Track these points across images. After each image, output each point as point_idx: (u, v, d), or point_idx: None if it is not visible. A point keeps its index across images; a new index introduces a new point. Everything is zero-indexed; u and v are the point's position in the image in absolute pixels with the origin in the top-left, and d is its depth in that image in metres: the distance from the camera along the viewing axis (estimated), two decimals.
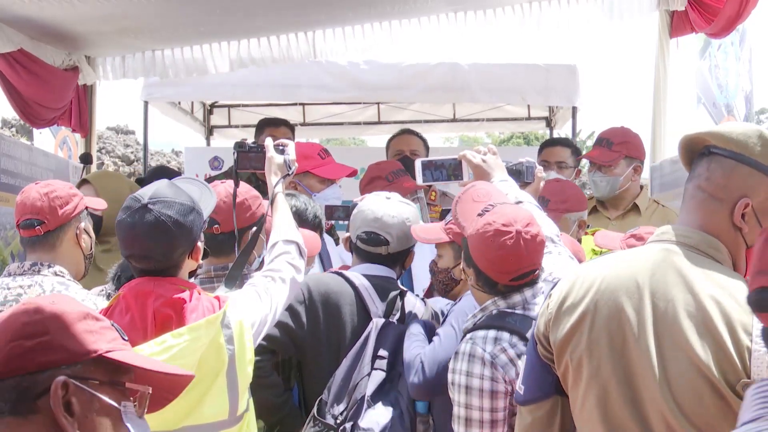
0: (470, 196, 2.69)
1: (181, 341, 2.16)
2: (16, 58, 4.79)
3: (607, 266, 1.89)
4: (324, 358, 2.79)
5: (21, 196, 2.73)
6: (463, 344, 2.37)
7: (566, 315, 1.88)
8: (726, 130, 1.87)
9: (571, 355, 1.86)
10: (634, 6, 5.26)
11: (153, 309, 2.22)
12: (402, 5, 5.07)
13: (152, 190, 2.31)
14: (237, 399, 2.27)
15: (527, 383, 1.99)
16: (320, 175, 4.11)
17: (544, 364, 1.96)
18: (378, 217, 2.93)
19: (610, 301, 1.83)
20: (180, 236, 2.28)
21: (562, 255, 2.73)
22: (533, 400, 1.97)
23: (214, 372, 2.23)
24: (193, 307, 2.24)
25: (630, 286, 1.82)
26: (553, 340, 1.90)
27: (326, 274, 2.98)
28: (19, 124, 14.00)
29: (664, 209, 4.33)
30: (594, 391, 1.83)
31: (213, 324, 2.22)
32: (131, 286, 2.30)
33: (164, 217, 2.25)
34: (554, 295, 1.94)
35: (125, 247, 2.31)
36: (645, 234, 3.08)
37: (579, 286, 1.89)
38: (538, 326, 1.97)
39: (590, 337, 1.83)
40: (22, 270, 2.67)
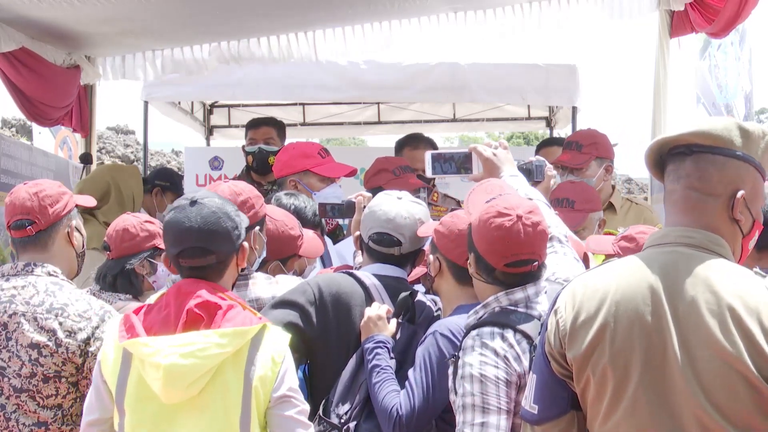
0: (483, 188, 2.72)
1: (205, 341, 2.18)
2: (18, 57, 4.78)
3: (615, 275, 1.89)
4: (333, 358, 2.78)
5: (10, 197, 2.73)
6: (469, 340, 2.36)
7: (583, 329, 1.86)
8: (709, 128, 1.90)
9: (594, 369, 1.85)
10: (634, 6, 5.25)
11: (188, 308, 2.24)
12: (402, 5, 5.07)
13: (198, 193, 2.39)
14: (249, 423, 2.21)
15: (541, 402, 1.95)
16: (320, 173, 4.11)
17: (558, 380, 1.93)
18: (391, 218, 2.93)
19: (629, 310, 1.83)
20: (230, 228, 2.34)
21: (568, 256, 2.73)
22: (549, 419, 1.94)
23: (231, 386, 2.21)
24: (231, 317, 2.24)
25: (645, 293, 1.83)
26: (572, 356, 1.88)
27: (337, 274, 2.97)
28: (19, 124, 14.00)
29: (638, 206, 4.37)
30: (622, 402, 1.82)
31: (242, 336, 2.22)
32: (177, 285, 2.32)
33: (215, 207, 2.33)
34: (562, 310, 1.92)
35: (175, 244, 2.32)
36: (636, 235, 3.09)
37: (590, 298, 1.88)
38: (549, 343, 1.93)
39: (613, 349, 1.82)
40: (16, 271, 2.67)
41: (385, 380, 2.57)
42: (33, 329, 2.56)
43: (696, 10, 5.07)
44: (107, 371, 2.30)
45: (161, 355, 2.16)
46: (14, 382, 2.56)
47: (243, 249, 2.41)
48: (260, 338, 2.26)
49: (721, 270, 1.81)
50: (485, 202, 2.52)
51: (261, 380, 2.24)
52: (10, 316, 2.57)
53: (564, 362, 1.91)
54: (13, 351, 2.56)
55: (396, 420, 2.48)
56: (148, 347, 2.19)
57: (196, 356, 2.17)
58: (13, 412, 2.56)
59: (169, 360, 2.15)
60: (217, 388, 2.21)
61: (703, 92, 7.23)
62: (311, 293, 2.80)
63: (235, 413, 2.21)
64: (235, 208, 2.42)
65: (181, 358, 2.16)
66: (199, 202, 2.33)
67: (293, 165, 4.16)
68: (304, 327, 2.76)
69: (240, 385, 2.22)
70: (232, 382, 2.22)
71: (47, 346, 2.55)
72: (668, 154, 1.95)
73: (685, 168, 1.90)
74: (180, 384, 2.17)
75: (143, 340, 2.20)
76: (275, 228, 3.04)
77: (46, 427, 2.57)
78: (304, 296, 2.80)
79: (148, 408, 2.23)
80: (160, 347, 2.18)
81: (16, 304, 2.59)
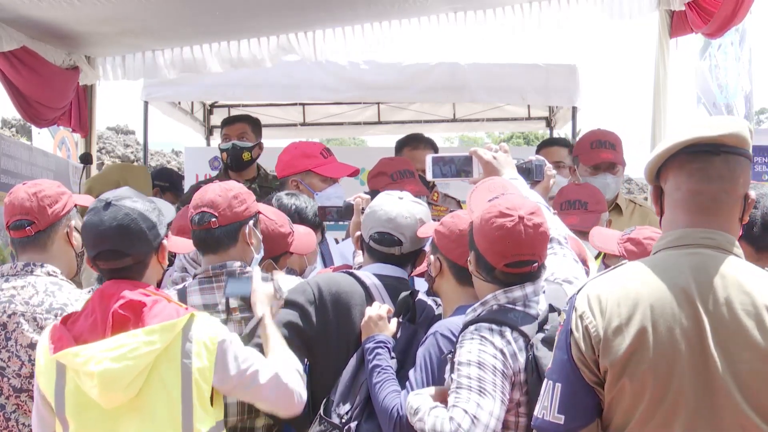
0: (486, 187, 2.72)
1: (134, 342, 2.19)
2: (18, 56, 4.78)
3: (642, 279, 1.87)
4: (333, 357, 2.78)
5: (9, 197, 2.73)
6: (467, 334, 2.36)
7: (618, 335, 1.83)
8: (738, 129, 1.89)
9: (632, 375, 1.82)
10: (634, 6, 5.25)
11: (112, 311, 2.25)
12: (402, 5, 5.07)
13: (115, 193, 2.40)
14: (191, 416, 2.23)
15: (569, 411, 1.89)
16: (322, 173, 4.11)
17: (588, 388, 1.89)
18: (391, 217, 2.93)
19: (665, 314, 1.81)
20: (146, 229, 2.35)
21: (567, 258, 2.73)
22: (579, 427, 1.90)
23: (167, 382, 2.23)
24: (156, 312, 2.25)
25: (679, 296, 1.82)
26: (608, 362, 1.84)
27: (337, 274, 2.97)
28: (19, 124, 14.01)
29: (642, 208, 4.38)
30: (661, 408, 1.81)
31: (170, 330, 2.23)
32: (99, 290, 2.34)
33: (129, 209, 2.34)
34: (589, 315, 1.87)
35: (92, 247, 2.36)
36: (644, 240, 3.06)
37: (620, 303, 1.85)
38: (578, 350, 1.88)
39: (653, 355, 1.81)
40: (15, 271, 2.67)
41: (385, 380, 2.57)
42: (32, 329, 2.56)
43: (693, 11, 5.07)
44: (44, 385, 2.30)
45: (93, 363, 2.16)
46: (14, 382, 2.56)
47: (162, 247, 2.44)
48: (189, 329, 2.26)
49: (747, 270, 1.82)
50: (488, 201, 2.52)
51: (200, 372, 2.25)
52: (10, 316, 2.57)
53: (596, 369, 1.87)
54: (12, 351, 2.56)
55: (396, 420, 2.48)
56: (79, 357, 2.19)
57: (128, 358, 2.17)
58: (13, 412, 2.56)
59: (101, 366, 2.16)
60: (155, 386, 2.22)
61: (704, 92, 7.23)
62: (311, 293, 2.81)
63: (177, 408, 2.22)
64: (153, 205, 2.42)
65: (112, 362, 2.16)
66: (113, 204, 2.34)
67: (295, 165, 4.15)
68: (303, 326, 2.76)
69: (178, 380, 2.23)
70: (169, 377, 2.23)
71: None
72: (683, 151, 1.90)
73: (716, 168, 1.88)
74: (116, 388, 2.18)
75: (73, 350, 2.20)
76: (265, 227, 3.03)
77: None
78: (304, 296, 2.80)
79: (90, 415, 2.23)
80: (91, 355, 2.18)
81: (15, 304, 2.59)
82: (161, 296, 2.34)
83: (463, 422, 2.20)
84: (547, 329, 2.37)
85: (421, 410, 2.31)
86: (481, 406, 2.22)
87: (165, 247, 2.46)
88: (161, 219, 2.43)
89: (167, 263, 2.55)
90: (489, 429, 2.21)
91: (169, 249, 2.53)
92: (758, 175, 6.04)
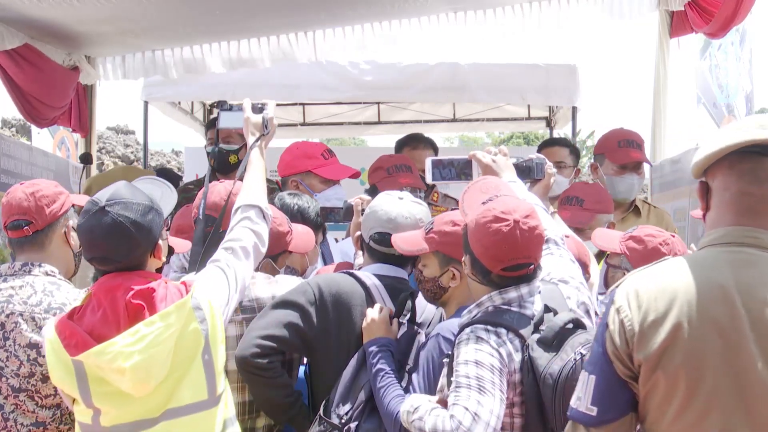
0: (479, 187, 2.70)
1: (154, 329, 2.20)
2: (21, 53, 4.78)
3: (680, 275, 1.87)
4: (334, 358, 2.78)
5: (7, 197, 2.72)
6: (463, 335, 2.36)
7: (653, 330, 1.84)
8: None
9: (665, 370, 1.83)
10: (634, 6, 5.26)
11: (123, 301, 2.25)
12: (402, 5, 5.07)
13: (110, 192, 2.35)
14: (215, 379, 2.32)
15: (602, 404, 1.91)
16: (322, 175, 4.11)
17: (621, 382, 1.90)
18: (392, 217, 2.93)
19: (702, 310, 1.81)
20: (139, 236, 2.32)
21: (564, 258, 2.73)
22: (611, 420, 1.91)
23: (191, 355, 2.28)
24: (163, 295, 2.28)
25: (716, 294, 1.82)
26: (642, 357, 1.85)
27: (337, 274, 2.97)
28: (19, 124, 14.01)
29: (657, 210, 4.35)
30: (694, 403, 1.81)
31: (183, 308, 2.26)
32: (100, 283, 2.33)
33: (122, 218, 2.30)
34: (626, 309, 1.89)
35: (87, 250, 2.36)
36: (645, 237, 3.06)
37: (657, 298, 1.86)
38: (612, 344, 1.90)
39: (687, 350, 1.81)
40: (13, 271, 2.67)
41: (389, 384, 2.57)
42: (31, 329, 2.55)
43: (694, 11, 5.07)
44: (58, 380, 2.29)
45: (121, 359, 2.17)
46: (12, 382, 2.56)
47: (158, 247, 2.43)
48: (193, 298, 2.32)
49: None
50: (481, 203, 2.51)
51: (218, 334, 2.36)
52: (8, 316, 2.57)
53: (630, 363, 1.88)
54: (11, 351, 2.56)
55: (401, 424, 2.47)
56: (106, 354, 2.18)
57: (153, 345, 2.19)
58: (12, 411, 2.56)
59: (131, 361, 2.16)
60: (181, 359, 2.27)
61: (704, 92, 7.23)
62: (311, 293, 2.81)
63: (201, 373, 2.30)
64: (149, 205, 2.37)
65: (140, 354, 2.17)
66: (106, 209, 2.30)
67: (295, 165, 4.15)
68: (304, 327, 2.76)
69: (199, 347, 2.30)
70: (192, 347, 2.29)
71: None
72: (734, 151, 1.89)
73: (766, 170, 1.87)
74: (149, 377, 2.20)
75: (96, 349, 2.19)
76: None
77: (45, 426, 2.57)
78: (305, 296, 2.80)
79: (121, 400, 2.25)
80: (117, 351, 2.17)
81: (13, 304, 2.58)
82: (156, 277, 2.36)
83: (464, 419, 2.20)
84: (542, 330, 2.36)
85: (421, 410, 2.30)
86: (482, 404, 2.22)
87: (161, 246, 2.45)
88: (157, 219, 2.40)
89: (165, 258, 2.55)
90: (490, 426, 2.20)
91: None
92: None
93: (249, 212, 2.71)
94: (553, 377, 2.24)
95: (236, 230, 2.67)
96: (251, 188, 2.78)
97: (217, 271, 2.54)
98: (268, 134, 2.94)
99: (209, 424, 2.31)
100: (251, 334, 2.71)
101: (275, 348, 2.71)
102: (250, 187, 2.78)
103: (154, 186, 2.55)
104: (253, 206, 2.73)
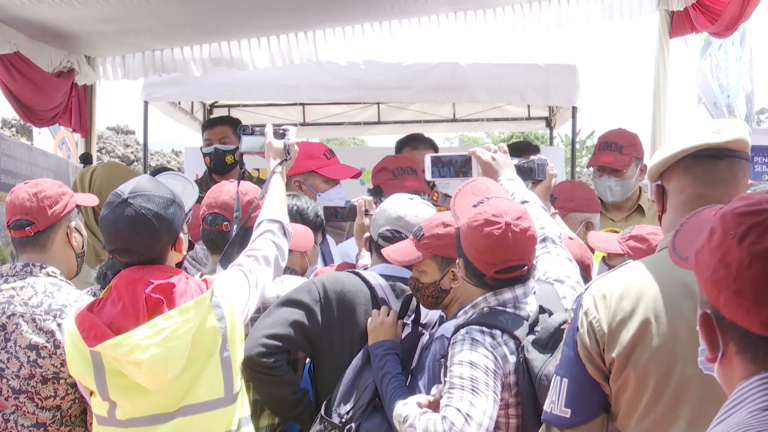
0: (470, 189, 2.69)
1: (172, 323, 2.21)
2: (11, 61, 4.79)
3: (644, 276, 1.91)
4: (338, 357, 2.79)
5: (10, 196, 2.72)
6: (459, 336, 2.36)
7: (622, 329, 1.89)
8: (743, 136, 1.94)
9: (635, 366, 1.88)
10: (634, 6, 5.25)
11: (144, 295, 2.26)
12: (402, 5, 5.07)
13: (132, 185, 2.38)
14: (232, 377, 2.34)
15: (574, 405, 1.94)
16: (325, 175, 4.13)
17: (593, 383, 1.95)
18: (401, 216, 2.94)
19: (668, 307, 1.86)
20: (161, 229, 2.34)
21: (560, 256, 2.73)
22: (583, 421, 1.95)
23: (208, 351, 2.29)
24: (182, 290, 2.28)
25: (681, 290, 1.86)
26: (613, 356, 1.90)
27: (342, 273, 2.97)
28: (19, 124, 14.01)
29: None
30: (663, 397, 1.86)
31: (202, 304, 2.27)
32: (121, 276, 2.34)
33: (144, 210, 2.32)
34: (593, 311, 1.92)
35: (108, 242, 2.38)
36: (648, 236, 3.05)
37: (623, 297, 1.90)
38: (583, 345, 1.94)
39: (655, 345, 1.86)
40: (14, 271, 2.67)
41: (397, 388, 2.57)
42: (32, 330, 2.55)
43: (698, 11, 5.07)
44: (76, 371, 2.32)
45: (138, 352, 2.18)
46: (13, 384, 2.55)
47: (179, 240, 2.44)
48: (213, 296, 2.32)
49: None
50: (473, 205, 2.49)
51: (236, 332, 2.36)
52: (9, 317, 2.57)
53: (602, 362, 1.92)
54: (11, 352, 2.56)
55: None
56: (122, 347, 2.19)
57: (170, 339, 2.20)
58: (12, 413, 2.56)
59: (147, 354, 2.17)
60: (198, 355, 2.27)
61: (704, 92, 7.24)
62: (316, 292, 2.82)
63: (218, 371, 2.30)
64: (171, 198, 2.39)
65: (157, 347, 2.18)
66: (129, 201, 2.33)
67: (298, 166, 4.14)
68: (309, 325, 2.77)
69: (217, 345, 2.30)
70: (210, 345, 2.29)
71: (46, 347, 2.54)
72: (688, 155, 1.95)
73: (720, 172, 1.93)
74: (165, 371, 2.21)
75: (114, 341, 2.20)
76: None
77: (45, 428, 2.57)
78: (309, 295, 2.81)
79: (137, 393, 2.26)
80: (134, 344, 2.18)
81: (14, 305, 2.58)
82: (177, 272, 2.37)
83: (456, 421, 2.20)
84: (537, 331, 2.36)
85: (411, 417, 2.32)
86: (474, 405, 2.22)
87: (182, 240, 2.47)
88: (179, 212, 2.42)
89: (185, 251, 2.57)
90: (482, 427, 2.21)
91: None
92: (758, 175, 6.04)
93: (272, 226, 2.72)
94: (549, 378, 2.24)
95: (259, 241, 2.68)
96: (274, 205, 2.80)
97: (239, 273, 2.55)
98: (289, 159, 2.95)
99: (225, 422, 2.33)
100: (257, 333, 2.72)
101: (281, 347, 2.72)
102: (273, 204, 2.80)
103: (176, 180, 2.56)
104: (276, 221, 2.74)
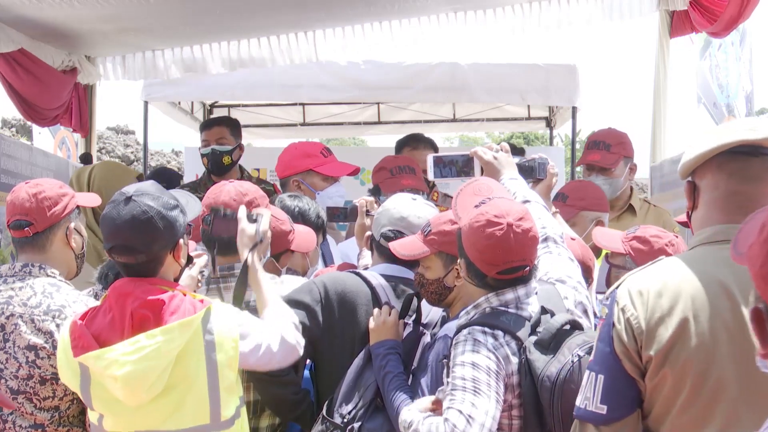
0: (471, 189, 2.68)
1: (153, 342, 2.19)
2: (15, 58, 4.78)
3: (680, 273, 1.91)
4: (339, 357, 2.79)
5: (11, 196, 2.72)
6: (461, 337, 2.35)
7: (660, 327, 1.89)
8: None
9: (673, 364, 1.87)
10: (634, 6, 5.26)
11: (131, 310, 2.24)
12: (402, 5, 5.07)
13: (137, 186, 2.38)
14: (219, 404, 2.27)
15: (610, 401, 1.94)
16: (323, 172, 4.13)
17: (629, 379, 1.94)
18: (404, 216, 2.94)
19: (706, 306, 1.86)
20: (162, 228, 2.32)
21: (562, 256, 2.72)
22: (620, 417, 1.94)
23: (192, 375, 2.25)
24: (174, 308, 2.25)
25: (718, 290, 1.86)
26: (651, 353, 1.90)
27: (343, 273, 2.97)
28: (20, 124, 14.01)
29: (657, 209, 4.31)
30: (701, 396, 1.86)
31: (188, 327, 2.22)
32: (115, 287, 2.33)
33: (147, 207, 2.31)
34: (631, 308, 1.92)
35: (108, 240, 2.35)
36: (651, 238, 3.04)
37: (661, 295, 1.90)
38: (620, 342, 1.93)
39: (694, 344, 1.86)
40: (14, 272, 2.66)
41: (399, 387, 2.57)
42: (30, 331, 2.55)
43: (697, 11, 5.07)
44: (67, 379, 2.32)
45: (115, 367, 2.17)
46: (11, 384, 2.55)
47: (179, 246, 2.41)
48: (208, 321, 2.26)
49: None
50: (474, 206, 2.48)
51: (226, 361, 2.27)
52: (8, 318, 2.57)
53: (639, 359, 1.92)
54: (10, 353, 2.55)
55: None
56: (102, 360, 2.19)
57: (149, 359, 2.17)
58: (10, 414, 2.55)
59: (123, 370, 2.16)
60: (180, 379, 2.23)
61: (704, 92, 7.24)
62: (317, 292, 2.82)
63: (204, 398, 2.24)
64: (174, 203, 2.38)
65: (134, 365, 2.16)
66: (133, 199, 2.32)
67: (296, 165, 4.16)
68: (310, 326, 2.77)
69: (203, 372, 2.24)
70: (194, 370, 2.24)
71: (44, 348, 2.54)
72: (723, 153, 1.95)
73: (755, 169, 1.93)
74: (140, 389, 2.19)
75: (94, 354, 2.20)
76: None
77: (43, 429, 2.56)
78: (310, 295, 2.81)
79: (119, 408, 2.26)
80: (113, 358, 2.18)
81: (13, 305, 2.58)
82: (177, 290, 2.34)
83: (458, 422, 2.19)
84: (539, 332, 2.36)
85: (414, 421, 2.32)
86: (476, 406, 2.22)
87: (182, 247, 2.44)
88: (181, 218, 2.40)
89: (185, 262, 2.52)
90: (485, 428, 2.20)
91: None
92: None
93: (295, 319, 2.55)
94: (551, 379, 2.24)
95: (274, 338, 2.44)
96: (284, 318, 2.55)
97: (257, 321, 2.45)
98: (261, 243, 2.73)
99: None
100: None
101: None
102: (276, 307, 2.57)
103: (180, 194, 2.55)
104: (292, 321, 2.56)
